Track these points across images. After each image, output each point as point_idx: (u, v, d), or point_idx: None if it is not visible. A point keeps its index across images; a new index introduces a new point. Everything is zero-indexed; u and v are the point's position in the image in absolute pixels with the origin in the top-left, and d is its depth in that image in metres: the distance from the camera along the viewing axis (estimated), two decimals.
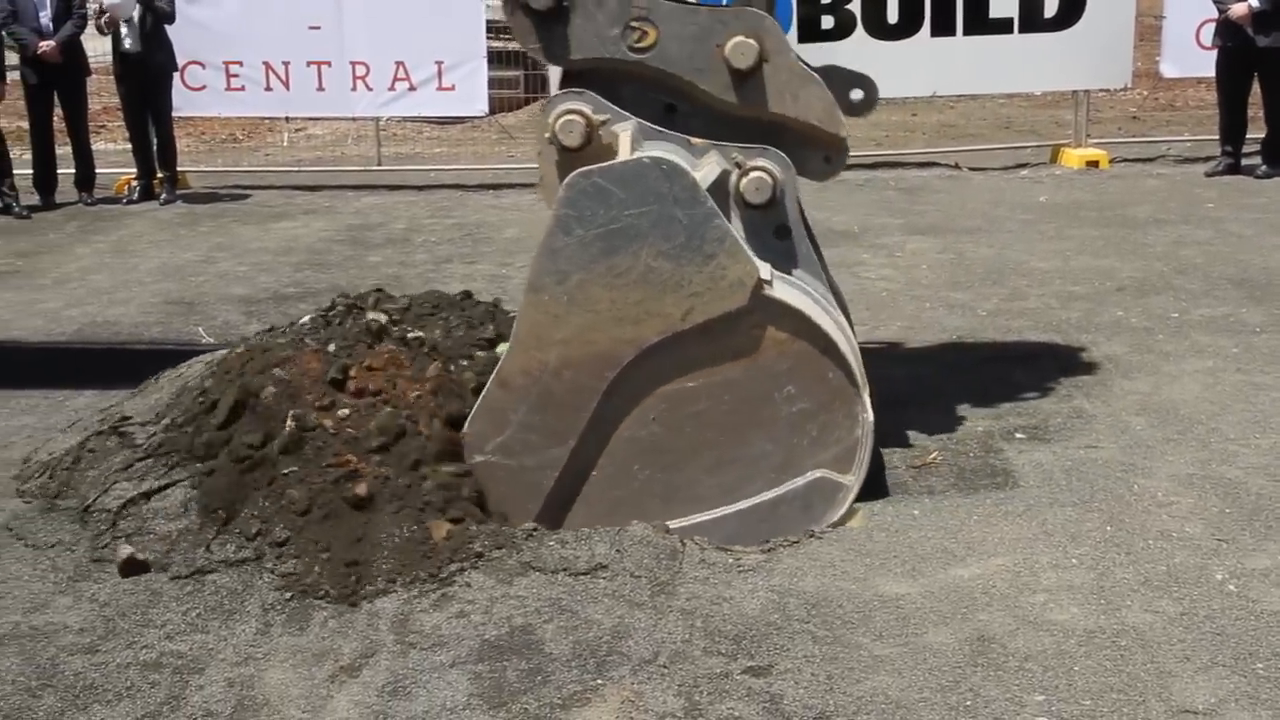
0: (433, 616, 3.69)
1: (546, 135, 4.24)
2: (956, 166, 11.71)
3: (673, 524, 4.13)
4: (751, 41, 4.32)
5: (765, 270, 4.09)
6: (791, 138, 4.47)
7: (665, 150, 4.21)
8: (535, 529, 4.08)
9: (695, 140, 4.39)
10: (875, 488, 4.42)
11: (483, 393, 4.17)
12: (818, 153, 4.54)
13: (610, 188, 3.95)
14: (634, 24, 4.33)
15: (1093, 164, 11.42)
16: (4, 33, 10.86)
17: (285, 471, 4.00)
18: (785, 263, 4.34)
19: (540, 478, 4.14)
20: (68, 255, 9.25)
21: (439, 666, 3.46)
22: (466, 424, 4.16)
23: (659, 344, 4.05)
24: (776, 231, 4.38)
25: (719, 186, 4.22)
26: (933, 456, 4.76)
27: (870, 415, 4.16)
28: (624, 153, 4.14)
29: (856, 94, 4.69)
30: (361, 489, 3.93)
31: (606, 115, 4.27)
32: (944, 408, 5.24)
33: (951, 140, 13.38)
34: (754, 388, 4.11)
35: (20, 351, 6.46)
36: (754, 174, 4.27)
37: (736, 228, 4.20)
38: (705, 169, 4.25)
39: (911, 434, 4.95)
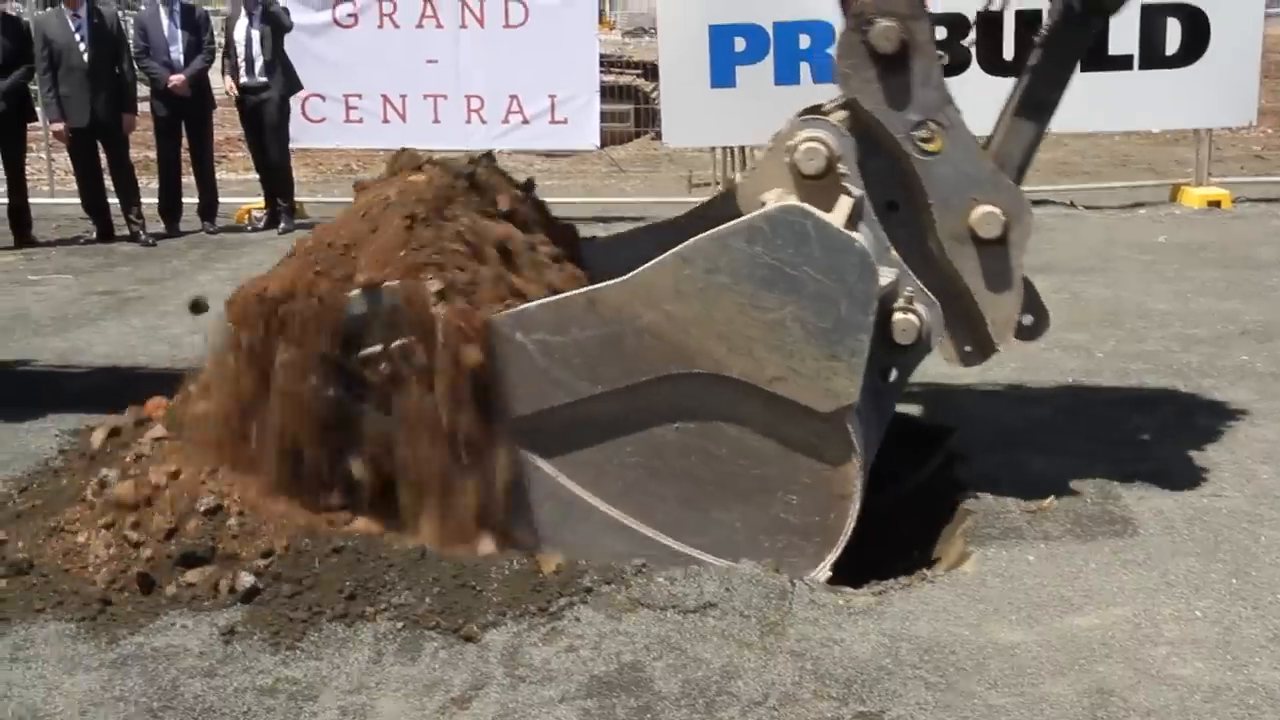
0: (542, 650, 3.70)
1: (788, 145, 4.19)
2: (1072, 205, 11.53)
3: (603, 507, 4.14)
4: (1002, 219, 4.30)
5: (857, 401, 4.05)
6: (960, 314, 4.46)
7: (870, 243, 4.16)
8: (644, 565, 4.08)
9: (893, 252, 4.36)
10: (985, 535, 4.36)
11: (567, 293, 4.16)
12: (967, 340, 4.51)
13: (814, 240, 3.91)
14: (935, 123, 4.29)
15: (1214, 204, 11.15)
16: (137, 66, 11.25)
17: None
18: (871, 401, 4.28)
19: (550, 393, 4.10)
20: (191, 282, 9.51)
21: (548, 701, 3.47)
22: (534, 303, 4.12)
23: (733, 380, 4.02)
24: (885, 373, 4.38)
25: (880, 302, 4.16)
26: (1049, 501, 4.67)
27: (826, 575, 4.11)
28: (839, 214, 4.12)
29: (1029, 319, 4.62)
30: None
31: (846, 170, 4.25)
32: (1060, 451, 5.14)
33: (1066, 177, 13.18)
34: (770, 473, 4.09)
35: (145, 378, 6.65)
36: (911, 316, 4.25)
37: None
38: (882, 280, 4.19)
39: (1027, 478, 4.86)
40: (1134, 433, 5.38)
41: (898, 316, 4.26)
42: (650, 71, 14.49)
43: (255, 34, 11.11)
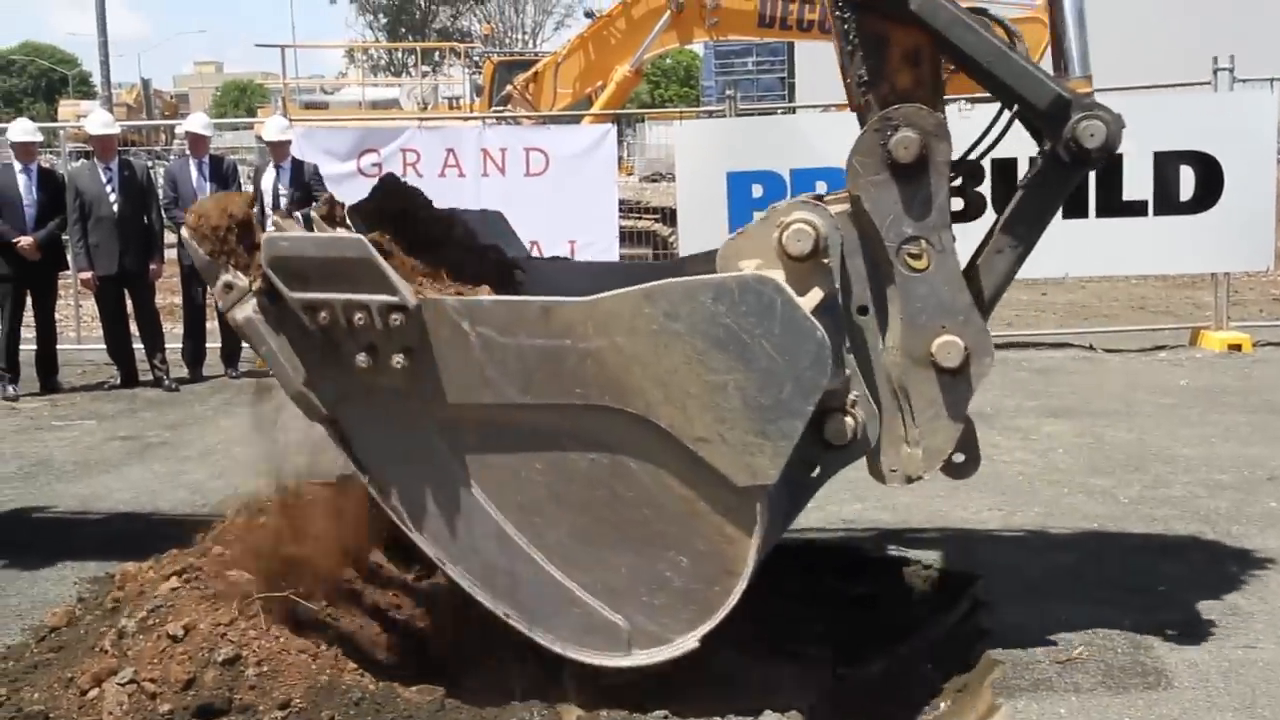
0: None
1: (780, 220, 4.12)
2: (1091, 348, 11.55)
3: (496, 515, 4.08)
4: (964, 351, 4.27)
5: (773, 483, 3.96)
6: (896, 432, 4.37)
7: (831, 337, 4.01)
8: (666, 715, 4.00)
9: (851, 355, 4.29)
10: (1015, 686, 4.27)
11: (524, 298, 4.12)
12: (895, 460, 4.37)
13: (778, 317, 3.83)
14: (927, 242, 4.23)
15: (1235, 347, 11.17)
16: (165, 216, 11.49)
17: None
18: (785, 491, 4.17)
19: (478, 390, 4.00)
20: (212, 427, 9.56)
21: None
22: (489, 297, 4.08)
23: (659, 429, 3.92)
24: (808, 468, 4.28)
25: (823, 397, 4.05)
26: (1078, 651, 4.58)
27: (689, 647, 4.00)
28: (809, 300, 4.04)
29: (960, 457, 4.48)
30: None
31: (829, 261, 4.16)
32: (1088, 600, 5.06)
33: (1084, 320, 13.23)
34: (669, 529, 3.99)
35: (166, 524, 6.65)
36: (849, 420, 4.18)
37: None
38: (833, 376, 4.08)
39: (1055, 627, 4.77)
40: (1163, 580, 5.30)
41: (836, 417, 4.17)
42: (668, 216, 14.70)
43: (283, 186, 11.34)
